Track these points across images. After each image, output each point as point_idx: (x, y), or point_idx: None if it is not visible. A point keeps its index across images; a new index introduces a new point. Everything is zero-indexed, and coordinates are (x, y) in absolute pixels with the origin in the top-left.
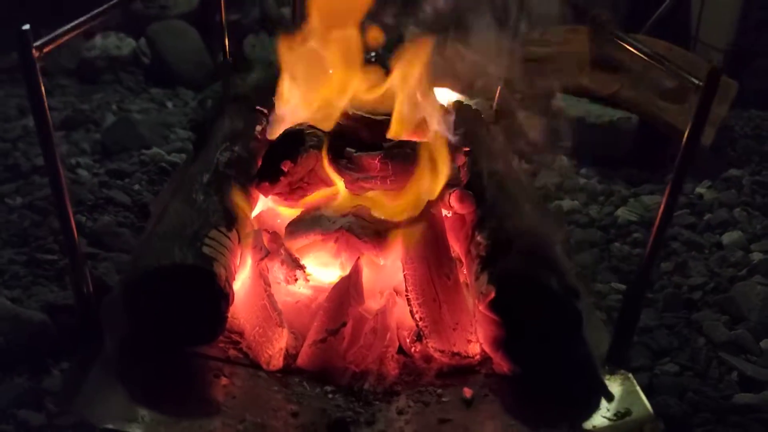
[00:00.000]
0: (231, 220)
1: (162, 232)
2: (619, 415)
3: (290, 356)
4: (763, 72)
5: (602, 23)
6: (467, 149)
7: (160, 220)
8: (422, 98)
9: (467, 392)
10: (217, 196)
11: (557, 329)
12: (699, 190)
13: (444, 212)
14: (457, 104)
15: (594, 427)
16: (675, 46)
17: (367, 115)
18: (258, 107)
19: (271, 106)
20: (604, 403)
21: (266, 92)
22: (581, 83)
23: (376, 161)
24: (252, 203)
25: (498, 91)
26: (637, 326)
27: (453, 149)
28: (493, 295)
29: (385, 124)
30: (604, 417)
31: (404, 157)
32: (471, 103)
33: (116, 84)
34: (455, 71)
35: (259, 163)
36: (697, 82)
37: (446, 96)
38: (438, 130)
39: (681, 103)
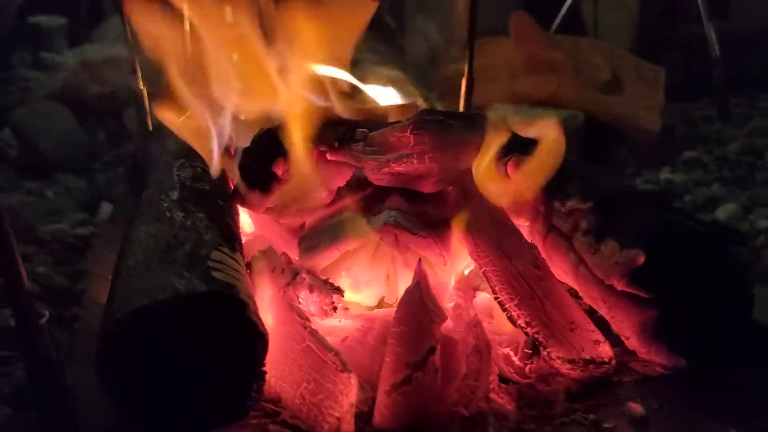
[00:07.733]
0: (233, 239)
1: (137, 264)
2: None
3: (361, 416)
4: (671, 65)
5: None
6: None
7: (125, 255)
8: None
9: (635, 408)
10: (202, 212)
11: (724, 292)
12: (664, 175)
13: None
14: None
15: None
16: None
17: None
18: None
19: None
20: None
21: None
22: (515, 90)
23: (407, 133)
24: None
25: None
26: None
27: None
28: (642, 260)
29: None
30: None
31: (438, 125)
32: None
33: None
34: None
35: (234, 177)
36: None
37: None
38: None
39: (620, 94)
